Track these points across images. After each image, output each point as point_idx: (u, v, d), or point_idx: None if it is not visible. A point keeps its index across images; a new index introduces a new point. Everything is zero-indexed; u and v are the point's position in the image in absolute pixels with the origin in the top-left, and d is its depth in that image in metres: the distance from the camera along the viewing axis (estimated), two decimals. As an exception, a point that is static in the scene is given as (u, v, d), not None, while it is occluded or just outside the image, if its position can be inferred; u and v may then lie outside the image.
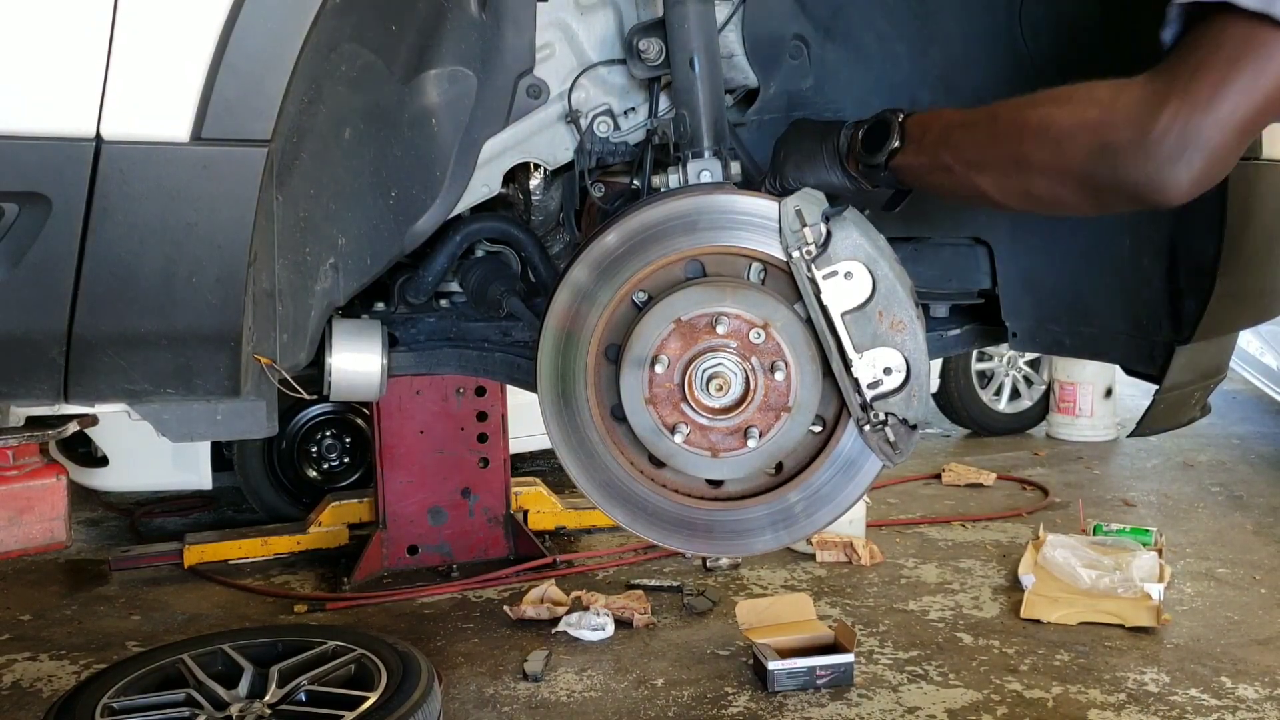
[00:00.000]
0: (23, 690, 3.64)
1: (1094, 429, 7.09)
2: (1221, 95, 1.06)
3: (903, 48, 1.90)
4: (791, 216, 1.52)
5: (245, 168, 1.25)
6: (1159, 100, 1.08)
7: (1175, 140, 1.07)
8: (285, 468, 5.40)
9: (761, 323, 1.54)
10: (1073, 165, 1.17)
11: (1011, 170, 1.26)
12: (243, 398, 1.40)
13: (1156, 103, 1.09)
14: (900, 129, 1.42)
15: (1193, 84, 1.07)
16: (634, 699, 3.48)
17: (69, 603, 4.47)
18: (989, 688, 3.51)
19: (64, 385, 1.31)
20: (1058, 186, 1.21)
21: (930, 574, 4.63)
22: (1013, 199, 1.29)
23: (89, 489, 5.22)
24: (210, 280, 1.28)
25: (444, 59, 1.64)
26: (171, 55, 1.21)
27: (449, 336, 2.01)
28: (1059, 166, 1.19)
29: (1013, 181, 1.27)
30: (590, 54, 1.82)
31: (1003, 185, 1.28)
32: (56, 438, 1.80)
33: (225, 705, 3.04)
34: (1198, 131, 1.06)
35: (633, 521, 1.67)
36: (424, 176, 1.69)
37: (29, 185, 1.20)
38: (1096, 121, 1.14)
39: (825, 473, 1.62)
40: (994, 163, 1.28)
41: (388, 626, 4.03)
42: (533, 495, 5.19)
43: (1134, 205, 1.17)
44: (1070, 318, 1.96)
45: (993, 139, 1.28)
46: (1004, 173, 1.27)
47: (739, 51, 1.86)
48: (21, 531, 3.64)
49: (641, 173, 1.75)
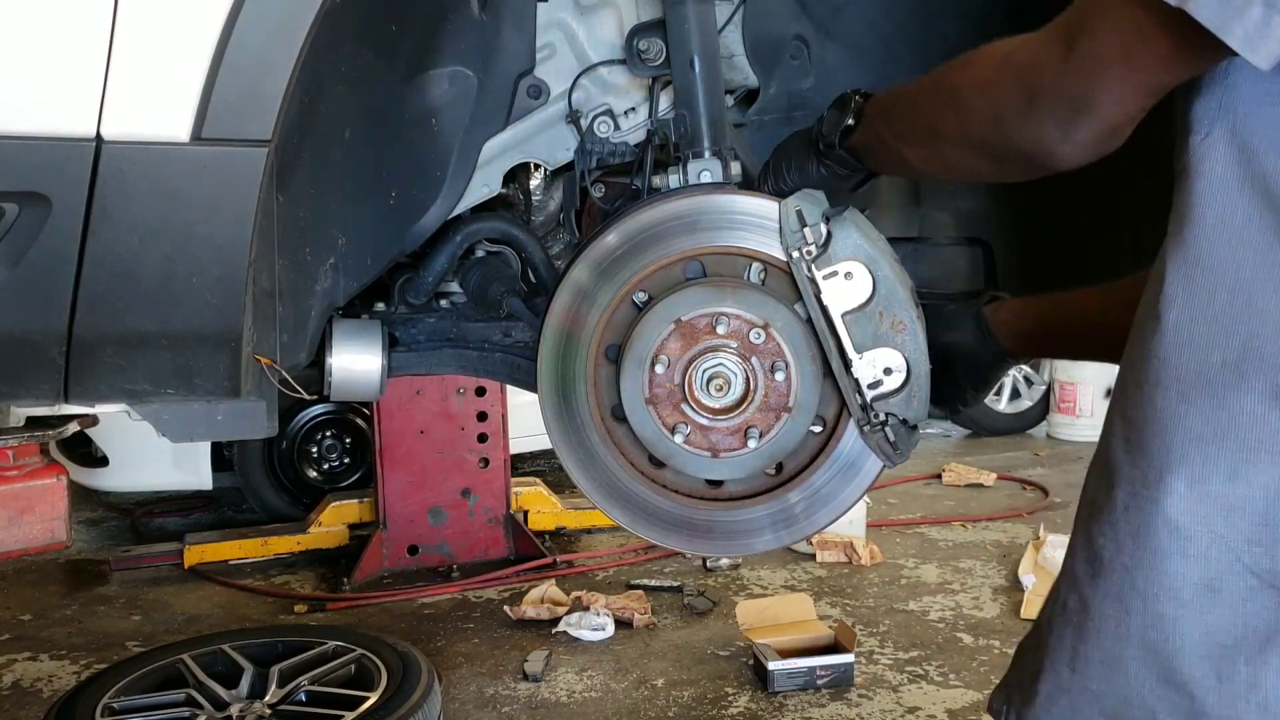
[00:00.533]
0: (23, 690, 3.64)
1: (1094, 429, 7.05)
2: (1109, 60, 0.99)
3: (903, 48, 1.90)
4: (791, 216, 1.52)
5: (245, 168, 1.25)
6: (1044, 61, 1.03)
7: (1057, 106, 1.02)
8: (285, 468, 5.40)
9: (762, 323, 1.53)
10: (971, 131, 1.14)
11: (928, 140, 1.24)
12: (243, 398, 1.40)
13: (1043, 63, 1.03)
14: (856, 107, 1.40)
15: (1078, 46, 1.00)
16: (634, 699, 3.48)
17: (69, 603, 4.47)
18: (989, 688, 3.51)
19: (64, 385, 1.31)
20: (964, 154, 1.19)
21: (930, 574, 4.63)
22: (936, 169, 1.26)
23: (89, 489, 5.23)
24: (210, 280, 1.28)
25: (444, 59, 1.64)
26: (172, 55, 1.21)
27: (449, 337, 2.01)
28: (962, 133, 1.16)
29: (931, 152, 1.24)
30: (590, 54, 1.82)
31: (924, 156, 1.26)
32: (56, 438, 1.80)
33: (225, 705, 3.04)
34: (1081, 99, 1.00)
35: (633, 522, 1.67)
36: (424, 176, 1.69)
37: (29, 185, 1.20)
38: (989, 81, 1.11)
39: (825, 473, 1.62)
40: (914, 134, 1.26)
41: (388, 627, 4.03)
42: (533, 495, 5.20)
43: (1034, 171, 1.12)
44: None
45: (914, 110, 1.26)
46: (922, 143, 1.25)
47: (739, 51, 1.86)
48: (22, 531, 3.64)
49: (642, 173, 1.74)
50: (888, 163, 1.38)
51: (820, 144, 1.46)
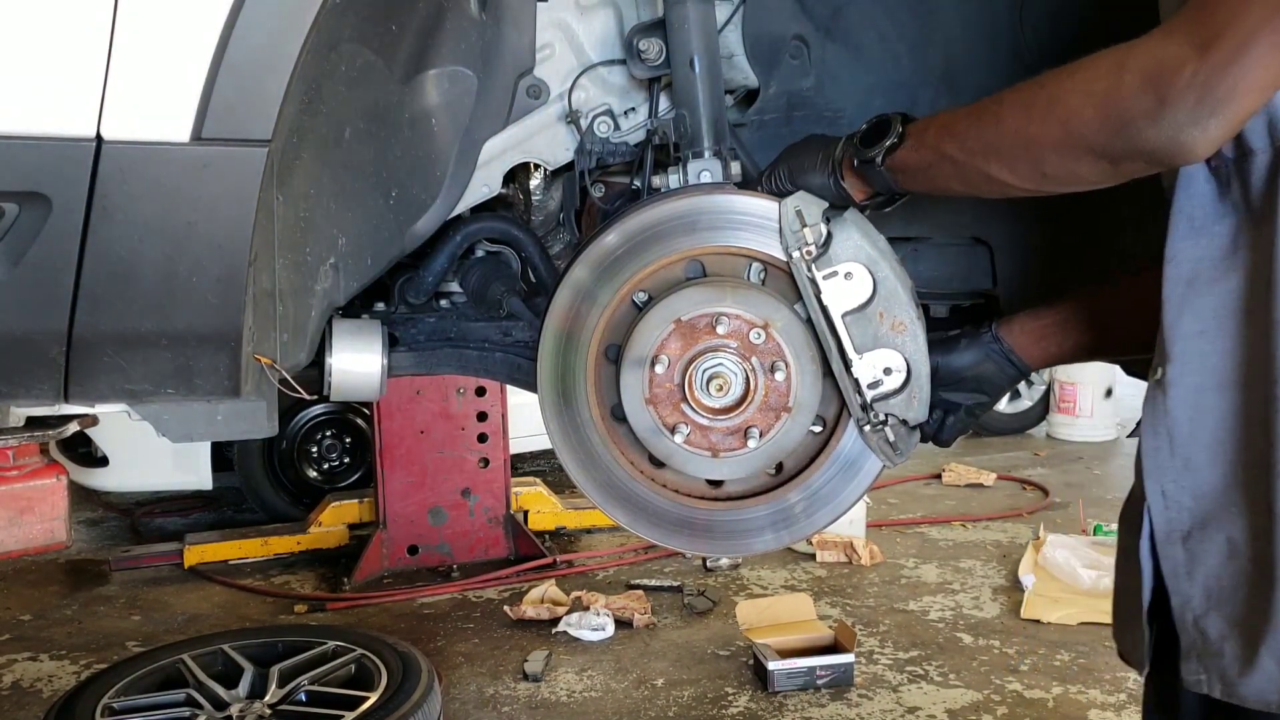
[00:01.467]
0: (23, 690, 3.64)
1: (1094, 429, 7.09)
2: (1244, 56, 1.03)
3: (903, 47, 1.90)
4: (791, 217, 1.52)
5: (245, 168, 1.25)
6: (1176, 63, 1.06)
7: (1194, 103, 1.05)
8: (285, 468, 5.41)
9: (762, 323, 1.53)
10: (1085, 138, 1.16)
11: (1022, 151, 1.24)
12: (243, 398, 1.39)
13: (1174, 65, 1.06)
14: (900, 127, 1.42)
15: (1214, 44, 1.04)
16: (634, 699, 3.48)
17: (69, 603, 4.47)
18: (989, 688, 3.51)
19: (64, 385, 1.31)
20: (1072, 162, 1.20)
21: (930, 574, 4.63)
22: (1028, 180, 1.27)
23: (89, 489, 5.23)
24: (210, 280, 1.28)
25: (444, 59, 1.64)
26: (172, 56, 1.20)
27: (449, 336, 2.01)
28: (1071, 141, 1.18)
29: (1025, 163, 1.25)
30: (590, 54, 1.82)
31: (1015, 169, 1.26)
32: (56, 438, 1.80)
33: (225, 705, 3.05)
34: (1217, 95, 1.04)
35: (633, 521, 1.67)
36: (424, 176, 1.68)
37: (29, 185, 1.20)
38: (1107, 90, 1.12)
39: (825, 473, 1.62)
40: (1003, 147, 1.27)
41: (388, 626, 4.03)
42: (533, 495, 5.20)
43: (1155, 169, 1.15)
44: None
45: (999, 123, 1.27)
46: (1015, 155, 1.26)
47: (739, 51, 1.85)
48: (22, 532, 3.65)
49: (642, 173, 1.74)
50: (952, 181, 1.37)
51: (854, 160, 1.45)
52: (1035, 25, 1.83)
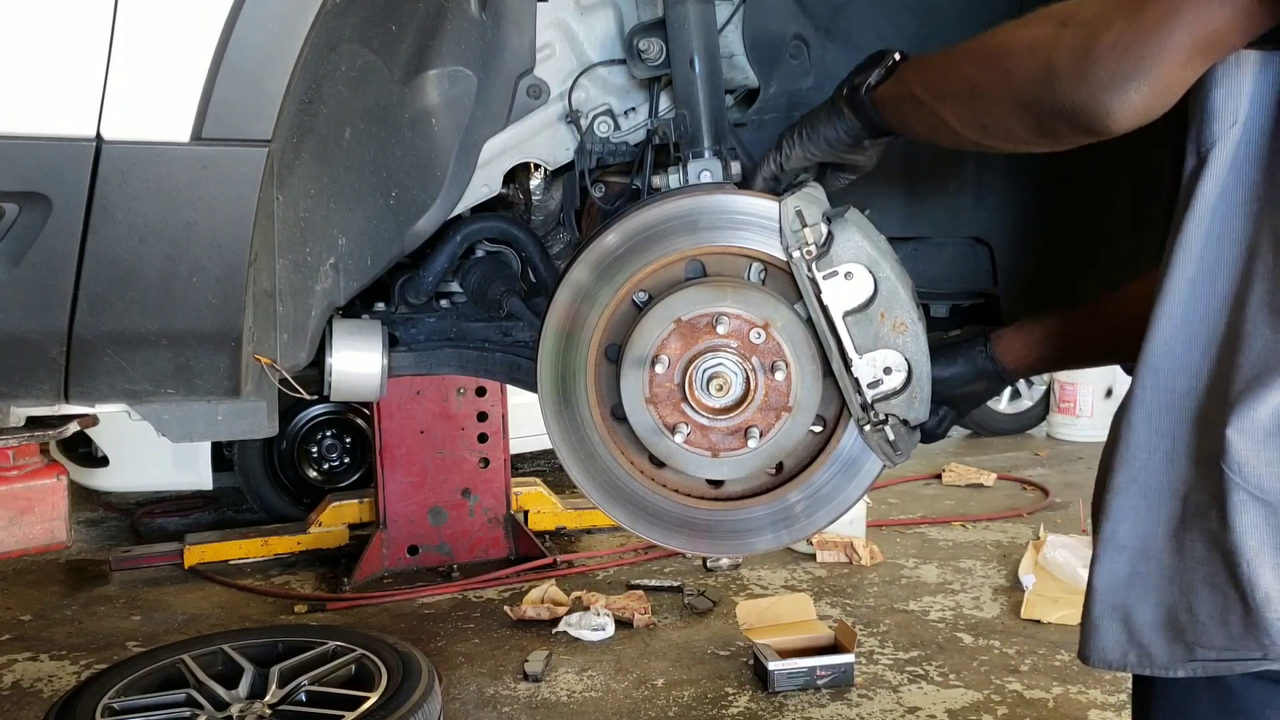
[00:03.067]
0: (23, 690, 3.64)
1: (1095, 429, 7.08)
2: (1170, 21, 1.01)
3: (903, 47, 1.90)
4: (791, 216, 1.52)
5: (246, 168, 1.25)
6: (1105, 20, 1.04)
7: (1115, 63, 1.03)
8: (285, 468, 5.41)
9: (762, 323, 1.53)
10: (1018, 89, 1.14)
11: (968, 98, 1.23)
12: (243, 398, 1.39)
13: (1102, 23, 1.04)
14: (892, 62, 1.41)
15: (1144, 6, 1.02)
16: (634, 699, 3.48)
17: (69, 603, 4.47)
18: (989, 688, 3.51)
19: (64, 385, 1.31)
20: (1004, 114, 1.18)
21: (931, 574, 4.63)
22: (970, 129, 1.25)
23: (89, 489, 5.23)
24: (210, 280, 1.28)
25: (444, 59, 1.64)
26: (172, 56, 1.20)
27: (449, 337, 2.01)
28: (1006, 92, 1.16)
29: (969, 111, 1.24)
30: (590, 54, 1.82)
31: (961, 115, 1.25)
32: (56, 438, 1.80)
33: (225, 705, 3.05)
34: (1140, 56, 1.02)
35: (633, 521, 1.67)
36: (424, 176, 1.68)
37: (29, 185, 1.20)
38: (1043, 41, 1.11)
39: (826, 473, 1.62)
40: (954, 92, 1.26)
41: (388, 627, 4.03)
42: (533, 495, 5.20)
43: (1077, 134, 1.13)
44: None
45: (955, 67, 1.26)
46: (962, 101, 1.24)
47: (739, 51, 1.86)
48: (22, 532, 3.64)
49: (642, 173, 1.74)
50: (916, 121, 1.36)
51: (845, 90, 1.45)
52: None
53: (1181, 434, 1.17)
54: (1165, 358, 1.17)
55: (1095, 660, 1.25)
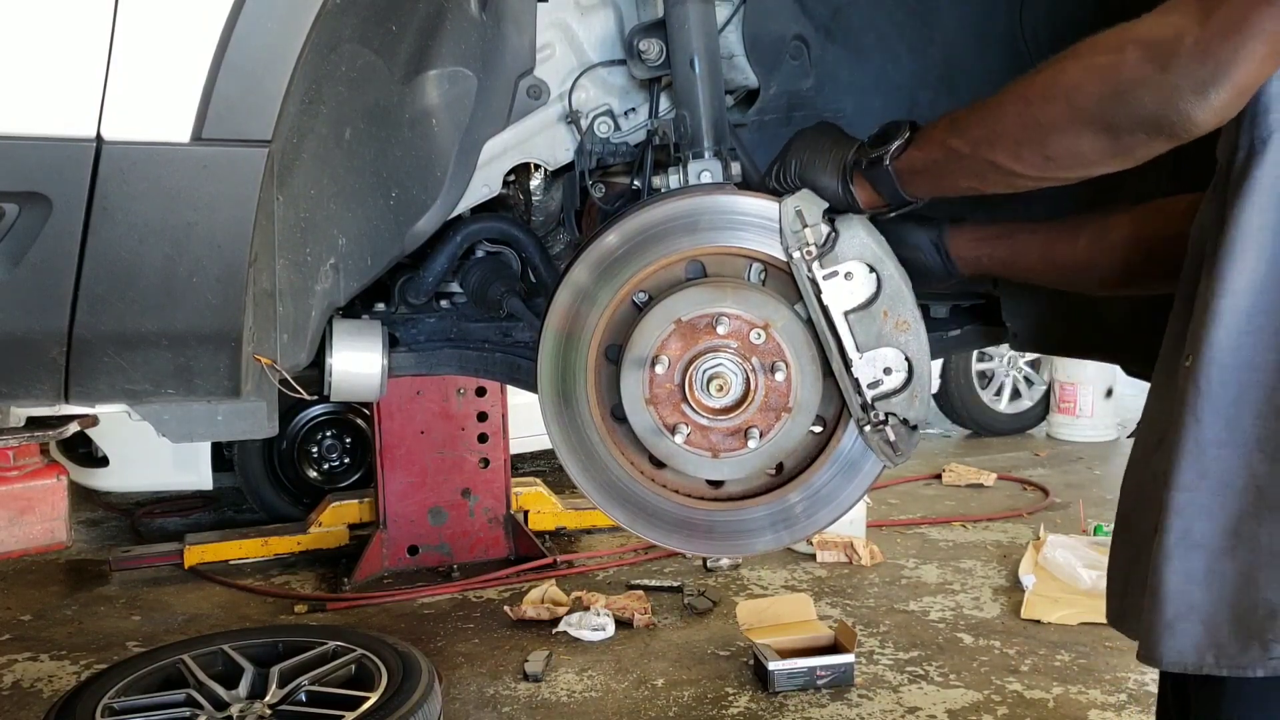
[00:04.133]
0: (23, 690, 3.64)
1: (1094, 429, 7.09)
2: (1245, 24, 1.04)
3: (903, 47, 1.90)
4: (792, 217, 1.52)
5: (246, 168, 1.25)
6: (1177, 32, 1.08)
7: (1195, 69, 1.07)
8: (285, 468, 5.40)
9: (762, 323, 1.54)
10: (1086, 111, 1.16)
11: (1025, 135, 1.25)
12: (243, 398, 1.39)
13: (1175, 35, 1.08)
14: (909, 130, 1.42)
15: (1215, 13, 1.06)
16: (634, 699, 3.48)
17: (69, 603, 4.47)
18: (989, 688, 3.51)
19: (64, 385, 1.31)
20: (1073, 139, 1.20)
21: (931, 574, 4.63)
22: (1032, 165, 1.27)
23: (89, 489, 5.23)
24: (211, 280, 1.28)
25: (444, 59, 1.64)
26: (172, 56, 1.20)
27: (449, 337, 2.01)
28: (1072, 117, 1.18)
29: (1028, 147, 1.25)
30: (590, 54, 1.82)
31: (1019, 153, 1.26)
32: (56, 438, 1.80)
33: (225, 705, 3.05)
34: (1218, 60, 1.06)
35: (633, 522, 1.67)
36: (424, 177, 1.68)
37: (29, 186, 1.20)
38: (1108, 64, 1.14)
39: (826, 473, 1.62)
40: (1006, 132, 1.27)
41: (388, 627, 4.03)
42: (533, 495, 5.20)
43: (1158, 143, 1.15)
44: (1070, 318, 1.95)
45: (1001, 111, 1.27)
46: (1017, 141, 1.26)
47: (739, 52, 1.86)
48: (22, 532, 3.64)
49: (642, 173, 1.74)
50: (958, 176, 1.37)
51: (863, 162, 1.45)
52: (1034, 26, 1.84)
53: (1255, 428, 1.17)
54: (1232, 352, 1.17)
55: (1170, 661, 1.21)
